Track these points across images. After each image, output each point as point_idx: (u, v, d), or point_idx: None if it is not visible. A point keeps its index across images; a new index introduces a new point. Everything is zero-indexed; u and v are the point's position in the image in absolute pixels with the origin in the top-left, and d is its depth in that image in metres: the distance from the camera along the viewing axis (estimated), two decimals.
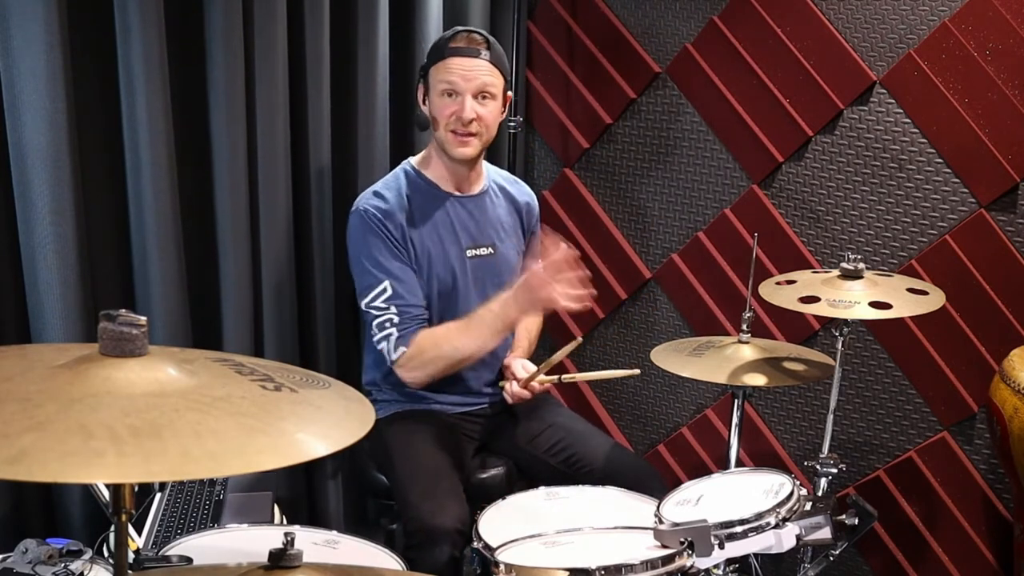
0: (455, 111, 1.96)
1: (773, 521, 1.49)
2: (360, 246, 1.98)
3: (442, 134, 1.99)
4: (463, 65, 1.95)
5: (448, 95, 1.96)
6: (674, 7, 2.55)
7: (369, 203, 2.00)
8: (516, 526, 1.60)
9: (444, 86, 1.96)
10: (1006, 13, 2.11)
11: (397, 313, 1.94)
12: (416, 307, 1.97)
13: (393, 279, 1.95)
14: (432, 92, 1.99)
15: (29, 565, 1.44)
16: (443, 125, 1.98)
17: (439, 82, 1.96)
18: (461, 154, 2.00)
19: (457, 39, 1.97)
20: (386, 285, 1.94)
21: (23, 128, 1.70)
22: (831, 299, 1.84)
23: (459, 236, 2.07)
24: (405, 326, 1.94)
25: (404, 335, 1.94)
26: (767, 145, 2.45)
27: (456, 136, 1.98)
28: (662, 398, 2.78)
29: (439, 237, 2.04)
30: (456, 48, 1.95)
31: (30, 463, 0.71)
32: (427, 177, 2.07)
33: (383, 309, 1.94)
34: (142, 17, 1.80)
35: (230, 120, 2.00)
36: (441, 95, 1.97)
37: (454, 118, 1.96)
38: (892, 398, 2.41)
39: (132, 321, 0.87)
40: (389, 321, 1.94)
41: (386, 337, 1.95)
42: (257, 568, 0.99)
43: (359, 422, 0.93)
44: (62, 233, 1.75)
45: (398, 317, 1.94)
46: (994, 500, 2.31)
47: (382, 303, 1.94)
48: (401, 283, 1.95)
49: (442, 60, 1.96)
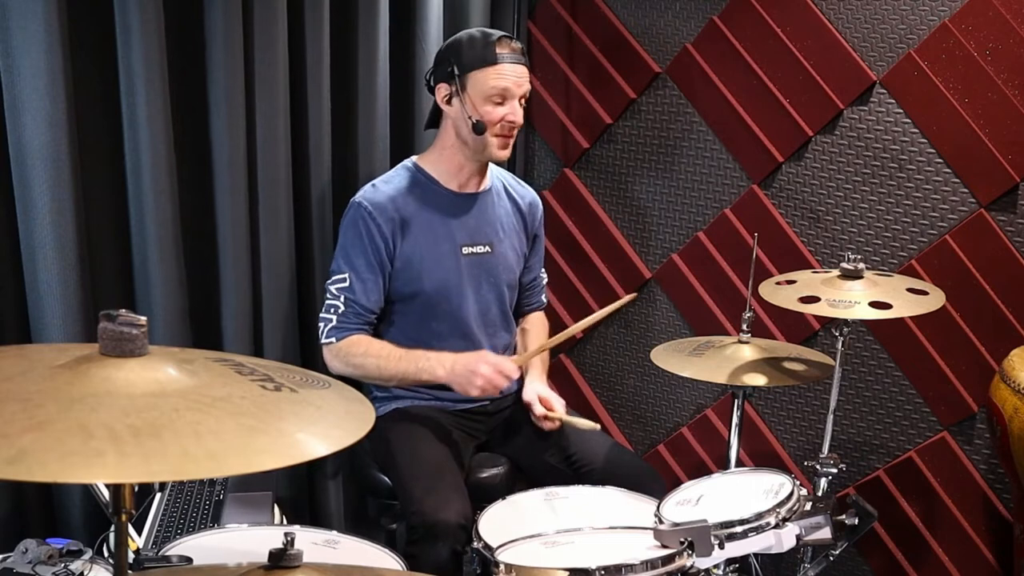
0: (506, 116, 1.99)
1: (773, 521, 1.50)
2: (343, 234, 2.05)
3: (487, 138, 2.00)
4: (515, 72, 1.98)
5: (498, 100, 1.98)
6: (674, 7, 2.55)
7: (364, 196, 2.04)
8: (516, 526, 1.60)
9: (496, 92, 1.97)
10: (1006, 13, 2.11)
11: (344, 304, 2.01)
12: (364, 308, 2.02)
13: (354, 274, 2.01)
14: (475, 96, 1.98)
15: (29, 565, 1.44)
16: (491, 129, 2.00)
17: (489, 88, 1.97)
18: (502, 156, 2.05)
19: (502, 44, 1.98)
20: (346, 277, 2.01)
21: (23, 128, 1.69)
22: (831, 299, 1.84)
23: (455, 233, 2.08)
24: (344, 321, 2.01)
25: (340, 328, 2.01)
26: (767, 145, 2.45)
27: (501, 139, 2.02)
28: (662, 398, 2.78)
29: (434, 233, 2.05)
30: (504, 54, 1.98)
31: (30, 463, 0.72)
32: (429, 173, 2.09)
33: (335, 296, 2.02)
34: (142, 17, 1.80)
35: (230, 120, 2.00)
36: (489, 99, 1.98)
37: (504, 123, 1.99)
38: (892, 398, 2.41)
39: (132, 321, 0.87)
40: (335, 308, 2.02)
41: (326, 320, 2.03)
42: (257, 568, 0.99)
43: (359, 422, 0.93)
44: (62, 233, 1.75)
45: (343, 308, 2.01)
46: (994, 500, 2.31)
47: (336, 290, 2.02)
48: (360, 282, 2.01)
49: (492, 65, 1.96)
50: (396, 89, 2.41)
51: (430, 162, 2.10)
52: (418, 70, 2.43)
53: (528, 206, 2.23)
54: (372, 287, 2.02)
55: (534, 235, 2.26)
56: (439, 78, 2.03)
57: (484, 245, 2.12)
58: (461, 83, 1.98)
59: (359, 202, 2.02)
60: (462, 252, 2.08)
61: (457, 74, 1.98)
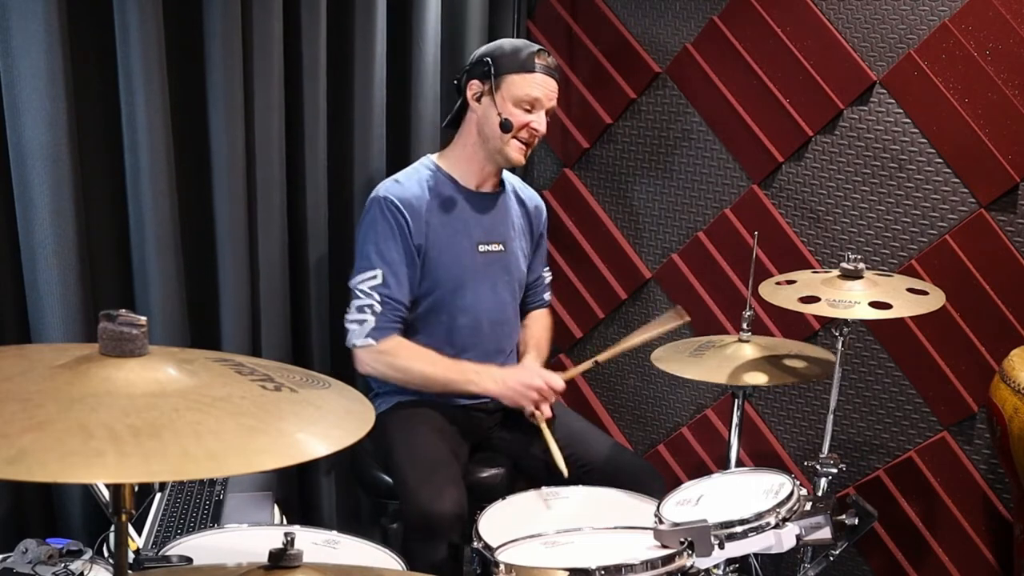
0: (531, 124, 2.05)
1: (773, 521, 1.49)
2: (368, 231, 2.04)
3: (507, 139, 2.05)
4: (548, 85, 2.07)
5: (528, 108, 2.04)
6: (674, 7, 2.55)
7: (389, 191, 2.05)
8: (516, 526, 1.60)
9: (528, 99, 2.04)
10: (1006, 13, 2.11)
11: (380, 303, 1.99)
12: (399, 302, 2.01)
13: (388, 269, 2.00)
14: (507, 97, 2.04)
15: (29, 565, 1.44)
16: (516, 133, 2.05)
17: (523, 94, 2.03)
18: (519, 161, 2.10)
19: (542, 57, 2.06)
20: (378, 273, 2.00)
21: (23, 128, 1.70)
22: (831, 299, 1.84)
23: (472, 231, 2.11)
24: (383, 321, 2.00)
25: (381, 329, 1.99)
26: (767, 145, 2.44)
27: (520, 144, 2.07)
28: (662, 398, 2.78)
29: (452, 229, 2.08)
30: (544, 65, 2.05)
31: (30, 463, 0.71)
32: (447, 172, 2.12)
33: (367, 295, 2.00)
34: (141, 17, 1.80)
35: (229, 120, 2.01)
36: (519, 105, 2.04)
37: (528, 130, 2.05)
38: (892, 398, 2.41)
39: (132, 321, 0.87)
40: (370, 308, 1.99)
41: (361, 322, 1.99)
42: (257, 568, 0.99)
43: (359, 422, 0.93)
44: (62, 233, 1.75)
45: (380, 307, 1.99)
46: (994, 500, 2.31)
47: (369, 288, 2.00)
48: (394, 275, 2.00)
49: (530, 73, 2.03)
50: (393, 89, 2.41)
51: (449, 160, 2.14)
52: (415, 70, 2.44)
53: (535, 209, 2.29)
54: (405, 281, 2.02)
55: (538, 236, 2.30)
56: (473, 75, 2.08)
57: (498, 243, 2.16)
58: (496, 83, 2.03)
59: (384, 196, 2.03)
60: (478, 249, 2.12)
61: (493, 74, 2.03)
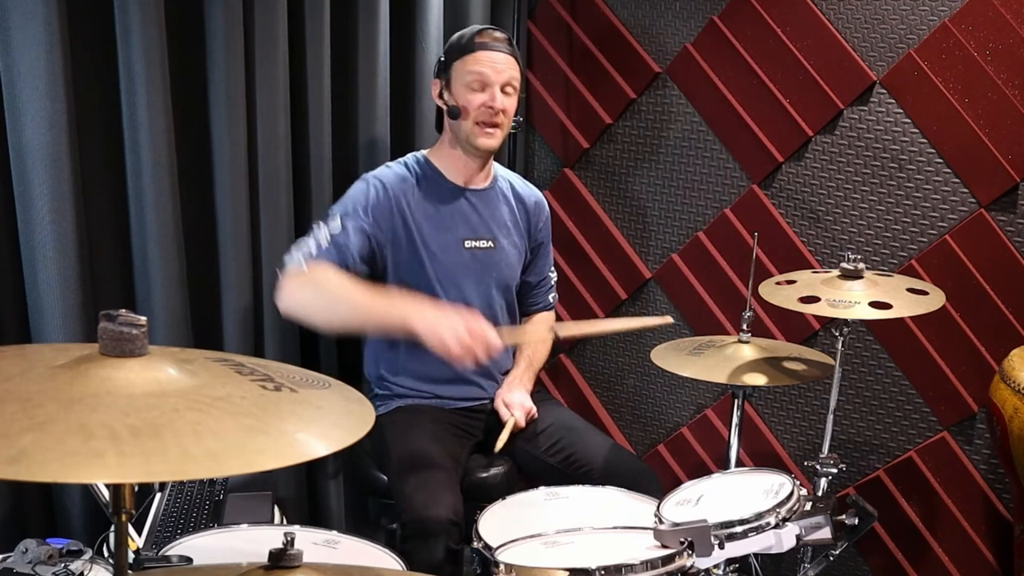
0: (485, 102, 2.01)
1: (773, 521, 1.49)
2: (347, 196, 2.03)
3: (468, 125, 2.03)
4: (492, 59, 2.01)
5: (477, 87, 2.01)
6: (674, 7, 2.55)
7: (376, 173, 2.07)
8: (516, 526, 1.60)
9: (473, 78, 2.01)
10: (1006, 13, 2.11)
11: (330, 242, 1.92)
12: (347, 250, 1.93)
13: (350, 221, 1.95)
14: (457, 85, 2.03)
15: (29, 565, 1.44)
16: (472, 117, 2.03)
17: (467, 74, 2.01)
18: (486, 144, 2.05)
19: (483, 35, 2.02)
20: (340, 222, 1.95)
21: (23, 128, 1.69)
22: (831, 299, 1.84)
23: (458, 226, 2.10)
24: (327, 255, 1.91)
25: (318, 258, 1.91)
26: (767, 145, 2.44)
27: (482, 127, 2.03)
28: (662, 398, 2.78)
29: (437, 224, 2.07)
30: (484, 43, 2.01)
31: (30, 463, 0.71)
32: (435, 166, 2.12)
33: (319, 229, 1.95)
34: (142, 17, 1.80)
35: (230, 119, 2.01)
36: (468, 87, 2.02)
37: (483, 109, 2.01)
38: (892, 398, 2.41)
39: (132, 321, 0.87)
40: (316, 244, 1.92)
41: (301, 246, 1.93)
42: (257, 568, 0.99)
43: (359, 422, 0.93)
44: (62, 233, 1.75)
45: (327, 244, 1.92)
46: (994, 500, 2.31)
47: (324, 227, 1.95)
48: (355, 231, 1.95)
49: (471, 54, 2.01)
50: (396, 89, 2.41)
51: (437, 156, 2.14)
52: (418, 70, 2.44)
53: (534, 205, 2.25)
54: (362, 241, 1.96)
55: (540, 236, 2.27)
56: (434, 75, 2.10)
57: (487, 240, 2.14)
58: (447, 76, 2.05)
59: (371, 175, 2.05)
60: (464, 245, 2.10)
61: (445, 68, 2.05)
